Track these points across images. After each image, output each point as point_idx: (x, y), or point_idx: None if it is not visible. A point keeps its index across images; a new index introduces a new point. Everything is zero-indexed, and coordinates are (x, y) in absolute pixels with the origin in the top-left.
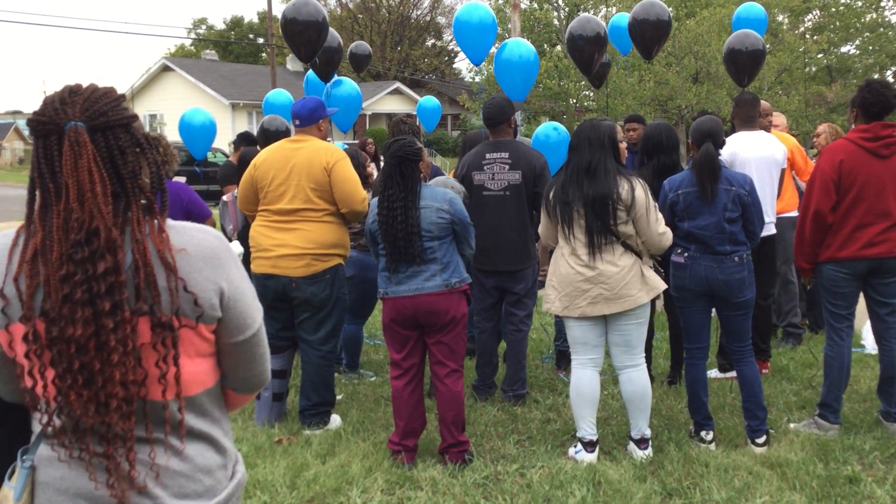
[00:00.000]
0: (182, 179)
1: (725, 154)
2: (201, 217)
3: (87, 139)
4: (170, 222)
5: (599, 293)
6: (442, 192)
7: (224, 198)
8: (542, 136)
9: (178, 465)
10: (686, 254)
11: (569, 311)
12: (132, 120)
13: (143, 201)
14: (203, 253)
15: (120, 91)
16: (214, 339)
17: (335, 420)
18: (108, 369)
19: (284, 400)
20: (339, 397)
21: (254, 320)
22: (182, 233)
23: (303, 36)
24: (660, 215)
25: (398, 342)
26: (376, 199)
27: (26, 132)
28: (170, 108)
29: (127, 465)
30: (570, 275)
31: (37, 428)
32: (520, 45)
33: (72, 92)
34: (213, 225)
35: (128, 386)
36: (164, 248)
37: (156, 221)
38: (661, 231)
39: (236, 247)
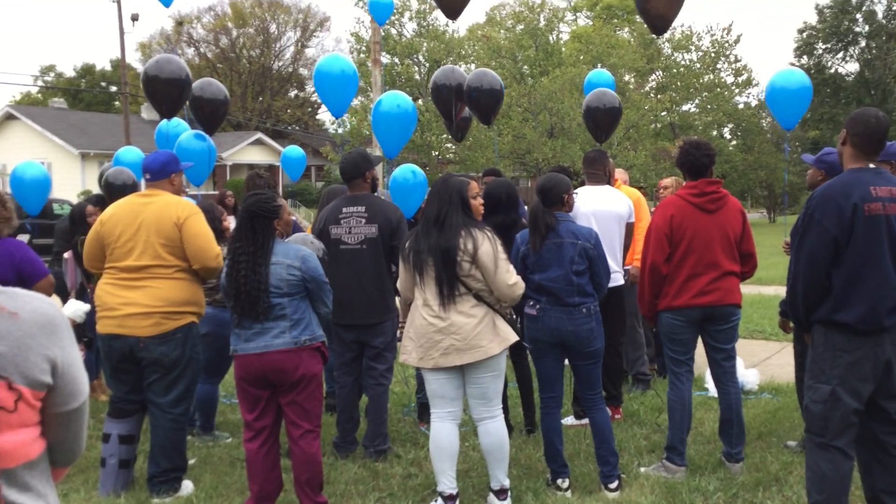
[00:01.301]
0: (25, 238)
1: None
2: (35, 277)
3: None
4: (1, 288)
5: (451, 344)
6: (295, 248)
7: (65, 255)
8: (399, 178)
9: None
10: (538, 306)
11: (423, 363)
12: None
13: None
14: (37, 320)
15: None
16: (41, 406)
17: (186, 486)
18: None
19: (132, 467)
20: (191, 461)
21: (85, 388)
22: (15, 298)
23: (165, 93)
24: (511, 267)
25: (250, 402)
26: None
27: None
28: (14, 159)
29: None
30: (423, 326)
31: None
32: (398, 97)
33: None
34: (51, 285)
35: None
36: None
37: None
38: (510, 282)
39: (77, 305)
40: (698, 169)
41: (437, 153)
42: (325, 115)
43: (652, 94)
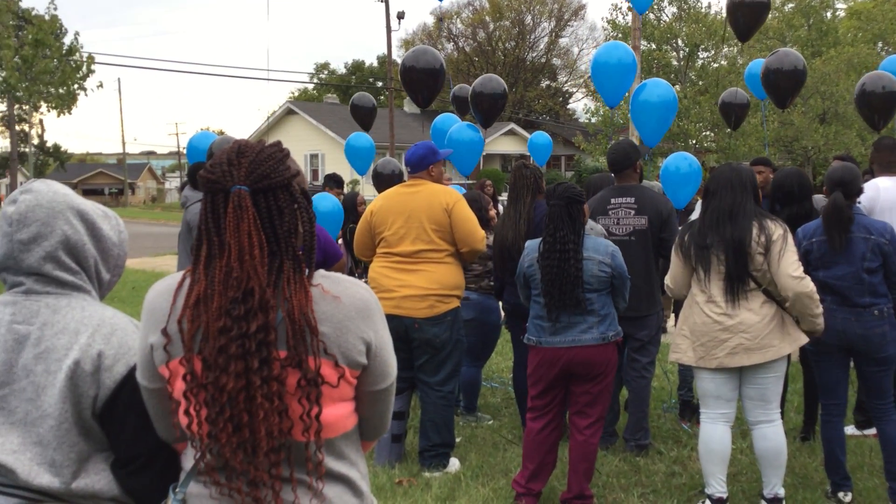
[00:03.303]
0: None
1: (865, 201)
2: (336, 257)
3: (249, 203)
4: (325, 273)
5: (740, 343)
6: (604, 244)
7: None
8: (671, 167)
9: None
10: (822, 305)
11: (704, 363)
12: (293, 178)
13: (294, 259)
14: (356, 304)
15: (248, 134)
16: (356, 384)
17: (454, 463)
18: (255, 422)
19: (403, 441)
20: (457, 440)
21: (393, 370)
22: (337, 283)
23: (421, 82)
24: (796, 258)
25: (542, 386)
26: (532, 241)
27: (159, 172)
28: (293, 150)
29: None
30: (706, 324)
31: (188, 464)
32: (659, 85)
33: (239, 153)
34: (345, 266)
35: (274, 437)
36: (307, 309)
37: (304, 279)
38: (793, 274)
39: None
40: None
41: (694, 142)
42: (576, 104)
43: None
